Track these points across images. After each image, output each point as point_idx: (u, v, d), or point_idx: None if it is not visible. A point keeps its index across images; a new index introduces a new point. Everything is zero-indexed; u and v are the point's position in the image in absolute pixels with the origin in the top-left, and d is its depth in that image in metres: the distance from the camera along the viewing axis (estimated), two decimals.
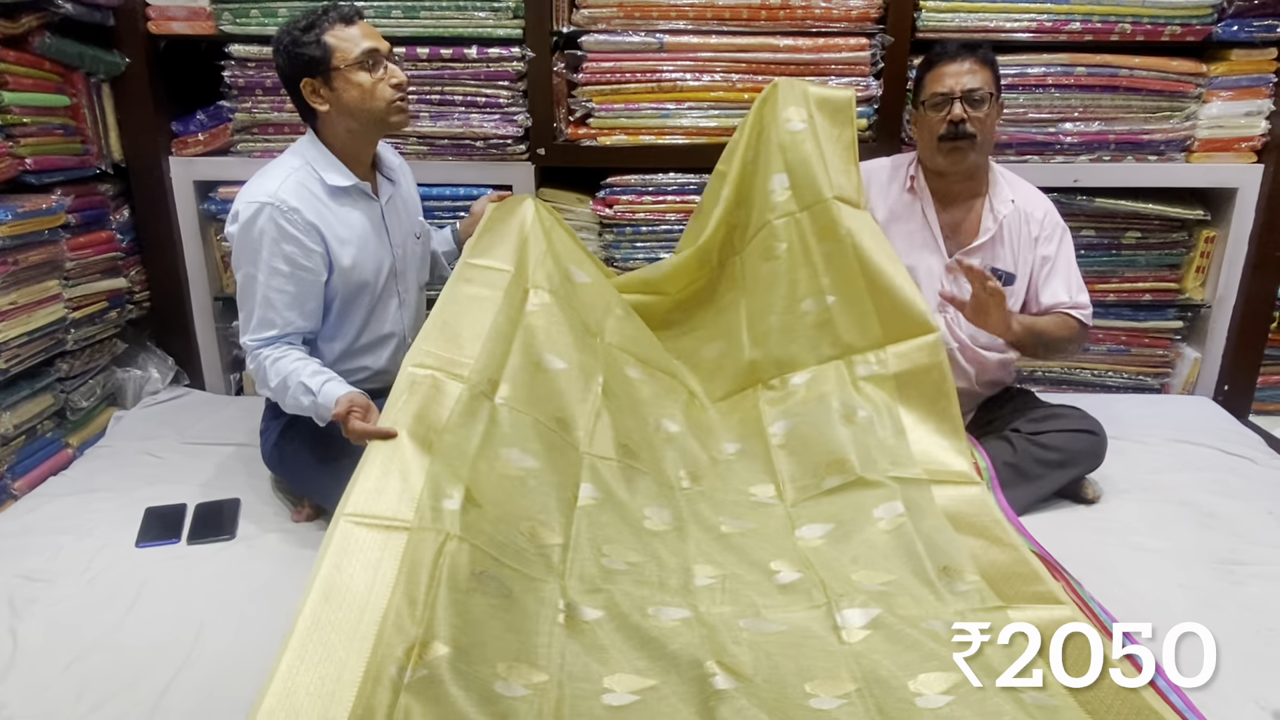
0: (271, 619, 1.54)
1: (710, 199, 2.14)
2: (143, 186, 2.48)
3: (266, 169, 1.81)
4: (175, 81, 2.47)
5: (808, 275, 1.96)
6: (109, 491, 2.02)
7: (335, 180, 1.81)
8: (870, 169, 2.14)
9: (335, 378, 1.68)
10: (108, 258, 2.40)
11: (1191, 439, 2.25)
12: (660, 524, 1.66)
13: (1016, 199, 2.03)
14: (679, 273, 2.15)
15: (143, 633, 1.53)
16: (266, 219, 1.72)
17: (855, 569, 1.57)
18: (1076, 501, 1.98)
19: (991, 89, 1.96)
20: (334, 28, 1.72)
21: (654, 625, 1.39)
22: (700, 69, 2.38)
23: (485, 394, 1.59)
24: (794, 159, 1.99)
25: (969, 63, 1.95)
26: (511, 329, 1.74)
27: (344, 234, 1.82)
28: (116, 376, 2.50)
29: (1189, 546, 1.79)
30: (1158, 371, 2.66)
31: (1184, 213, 2.49)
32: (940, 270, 2.05)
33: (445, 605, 1.24)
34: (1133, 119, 2.42)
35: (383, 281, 1.92)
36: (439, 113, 2.41)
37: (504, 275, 1.80)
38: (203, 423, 2.38)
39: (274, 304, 1.75)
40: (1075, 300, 2.03)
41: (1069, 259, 2.06)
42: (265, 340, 1.76)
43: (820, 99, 2.03)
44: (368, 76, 1.74)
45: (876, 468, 1.74)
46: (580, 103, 2.41)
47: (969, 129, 1.94)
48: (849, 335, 1.92)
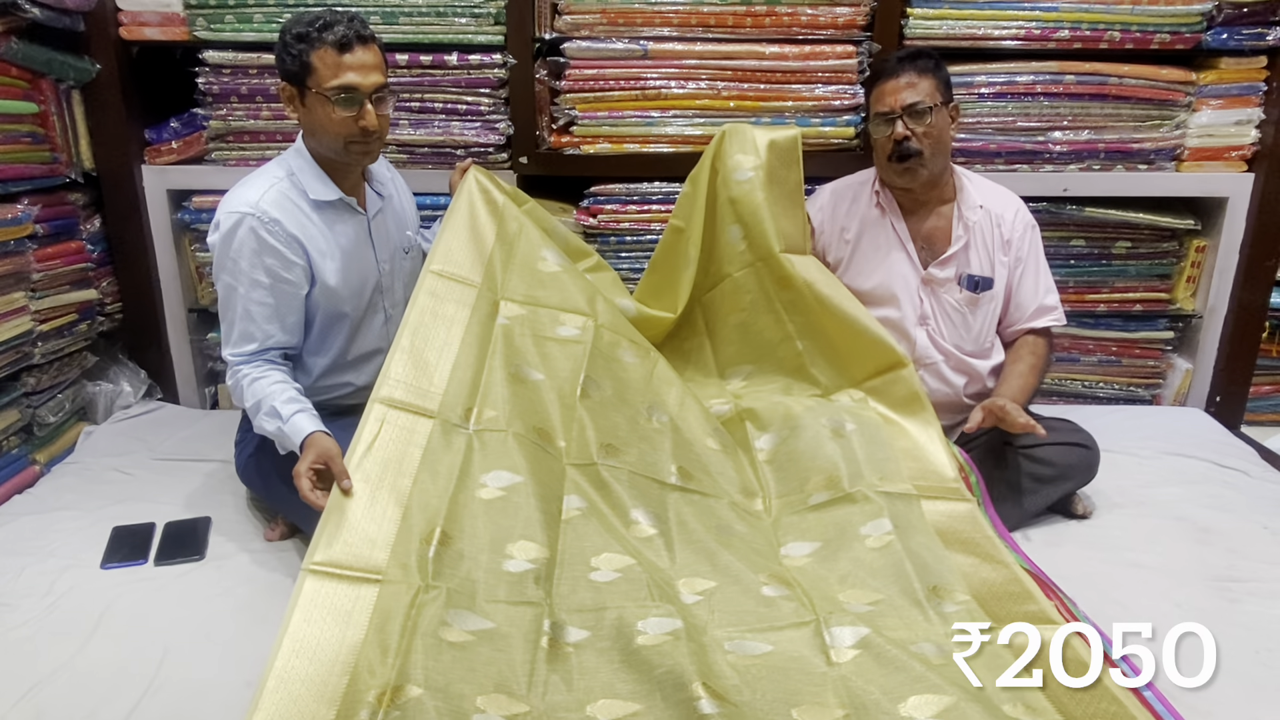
0: (241, 644, 1.50)
1: (671, 257, 2.11)
2: (114, 195, 2.44)
3: (250, 177, 1.78)
4: (148, 88, 2.43)
5: (774, 322, 2.00)
6: (75, 510, 1.97)
7: (319, 193, 1.78)
8: (836, 189, 2.14)
9: (307, 410, 1.63)
10: (77, 268, 2.36)
11: (1184, 451, 2.24)
12: (648, 529, 1.62)
13: (985, 203, 2.02)
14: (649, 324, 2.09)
15: (104, 659, 1.48)
16: (247, 230, 1.69)
17: (843, 589, 1.54)
18: (1068, 517, 1.95)
19: (936, 99, 1.92)
20: (323, 49, 1.65)
21: (641, 643, 1.36)
22: (685, 76, 2.36)
23: (459, 425, 1.57)
24: (745, 211, 2.00)
25: (907, 76, 1.91)
26: (483, 348, 1.71)
27: (326, 248, 1.79)
28: (86, 390, 2.45)
29: (1184, 563, 1.77)
30: (1149, 383, 2.65)
31: (1174, 222, 2.47)
32: (916, 283, 2.03)
33: (420, 651, 1.24)
34: (1122, 127, 2.41)
35: (367, 298, 1.89)
36: (418, 120, 2.37)
37: (471, 290, 1.77)
38: (175, 438, 2.34)
39: (254, 317, 1.71)
40: (1044, 303, 2.03)
41: (1039, 258, 2.05)
42: (246, 356, 1.72)
43: (769, 142, 2.03)
44: (336, 111, 1.68)
45: (863, 481, 1.71)
46: (563, 110, 2.38)
47: (914, 146, 1.91)
48: (825, 377, 1.97)
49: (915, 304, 2.03)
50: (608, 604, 1.42)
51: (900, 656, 1.34)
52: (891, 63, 1.95)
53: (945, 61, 1.99)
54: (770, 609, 1.48)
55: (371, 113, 1.69)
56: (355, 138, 1.71)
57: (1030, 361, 2.01)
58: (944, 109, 1.94)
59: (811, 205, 2.15)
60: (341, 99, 1.66)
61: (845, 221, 2.09)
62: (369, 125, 1.69)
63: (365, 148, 1.73)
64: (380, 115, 1.72)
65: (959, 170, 2.07)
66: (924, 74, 1.92)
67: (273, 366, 1.72)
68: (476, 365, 1.68)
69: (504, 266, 1.87)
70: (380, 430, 1.47)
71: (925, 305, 2.03)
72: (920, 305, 2.03)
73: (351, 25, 1.67)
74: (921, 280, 2.03)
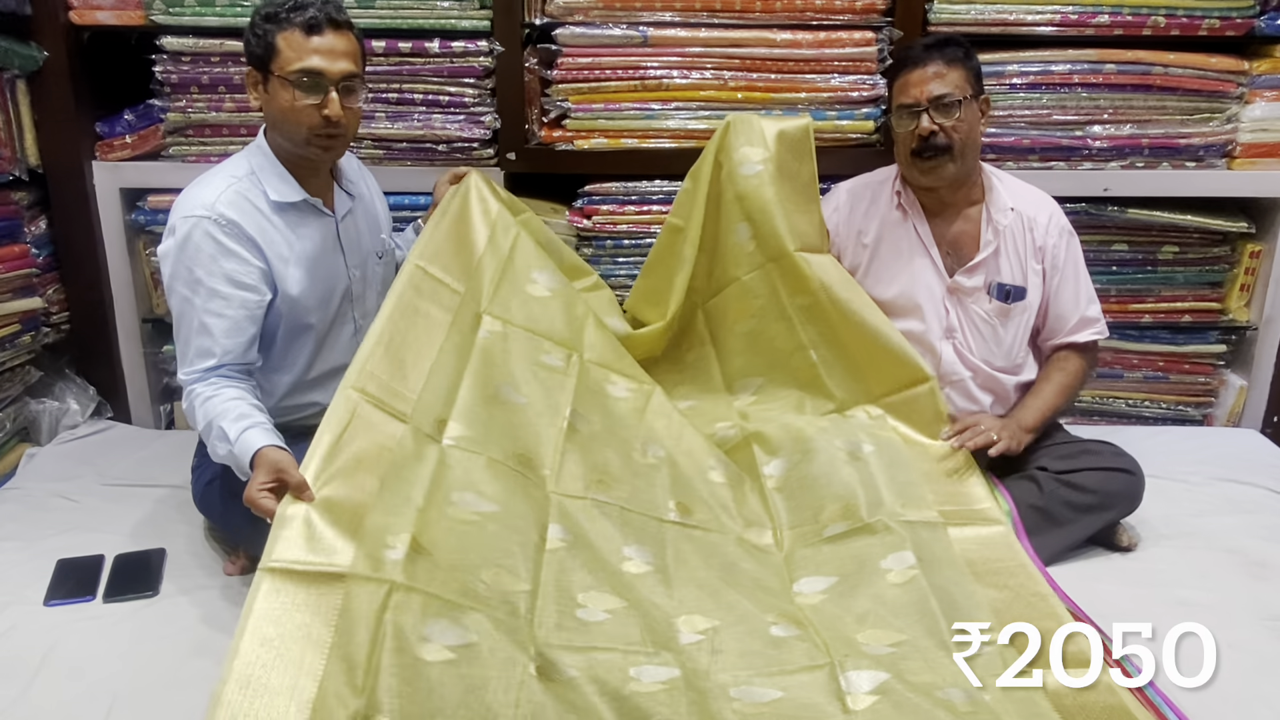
0: (196, 689, 1.50)
1: (666, 258, 2.14)
2: (62, 194, 2.46)
3: (207, 176, 1.79)
4: (100, 78, 2.45)
5: (786, 330, 2.02)
6: (16, 540, 1.98)
7: (281, 194, 1.79)
8: (854, 189, 2.15)
9: (259, 424, 1.61)
10: (21, 274, 2.37)
11: (1238, 477, 2.24)
12: (642, 565, 1.63)
13: (1016, 205, 2.03)
14: (638, 343, 2.13)
15: (48, 706, 1.48)
16: (202, 234, 1.70)
17: (861, 629, 1.54)
18: (1110, 549, 1.96)
19: (966, 91, 1.94)
20: (290, 31, 1.69)
21: (635, 691, 1.36)
22: (688, 65, 2.38)
23: (431, 436, 1.58)
24: (753, 207, 2.02)
25: (935, 65, 1.93)
26: (461, 361, 1.73)
27: (289, 254, 1.80)
28: (30, 408, 2.46)
29: (1237, 600, 1.77)
30: (1199, 401, 2.66)
31: (1226, 225, 2.49)
32: (941, 292, 2.04)
33: (391, 671, 1.22)
34: (1168, 121, 2.43)
35: (335, 307, 1.90)
36: (396, 113, 2.40)
37: (455, 296, 1.79)
38: (126, 461, 2.35)
39: (211, 330, 1.71)
40: (1085, 315, 2.05)
41: (1078, 267, 2.07)
42: (201, 374, 1.71)
43: (778, 133, 2.05)
44: (297, 96, 1.70)
45: (884, 509, 1.72)
46: (555, 102, 2.40)
47: (941, 140, 1.93)
48: (841, 391, 1.98)
49: (940, 315, 2.04)
50: (596, 644, 1.43)
51: (923, 705, 1.35)
52: (917, 50, 1.96)
53: (975, 49, 2.00)
54: (780, 650, 1.49)
55: (336, 101, 1.70)
56: (318, 129, 1.72)
57: (1060, 380, 2.03)
58: (974, 102, 1.96)
59: (826, 206, 2.17)
60: (304, 83, 1.68)
61: (863, 224, 2.11)
62: (332, 114, 1.70)
63: (328, 142, 1.75)
64: (347, 107, 1.73)
65: (988, 169, 2.08)
66: (953, 64, 1.93)
67: (228, 382, 1.71)
68: (453, 376, 1.69)
69: (492, 280, 1.89)
70: (351, 421, 1.46)
71: (951, 316, 2.05)
72: (946, 317, 2.05)
73: (324, 8, 1.70)
74: (947, 289, 2.04)
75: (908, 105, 1.95)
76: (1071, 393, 2.05)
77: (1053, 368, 2.06)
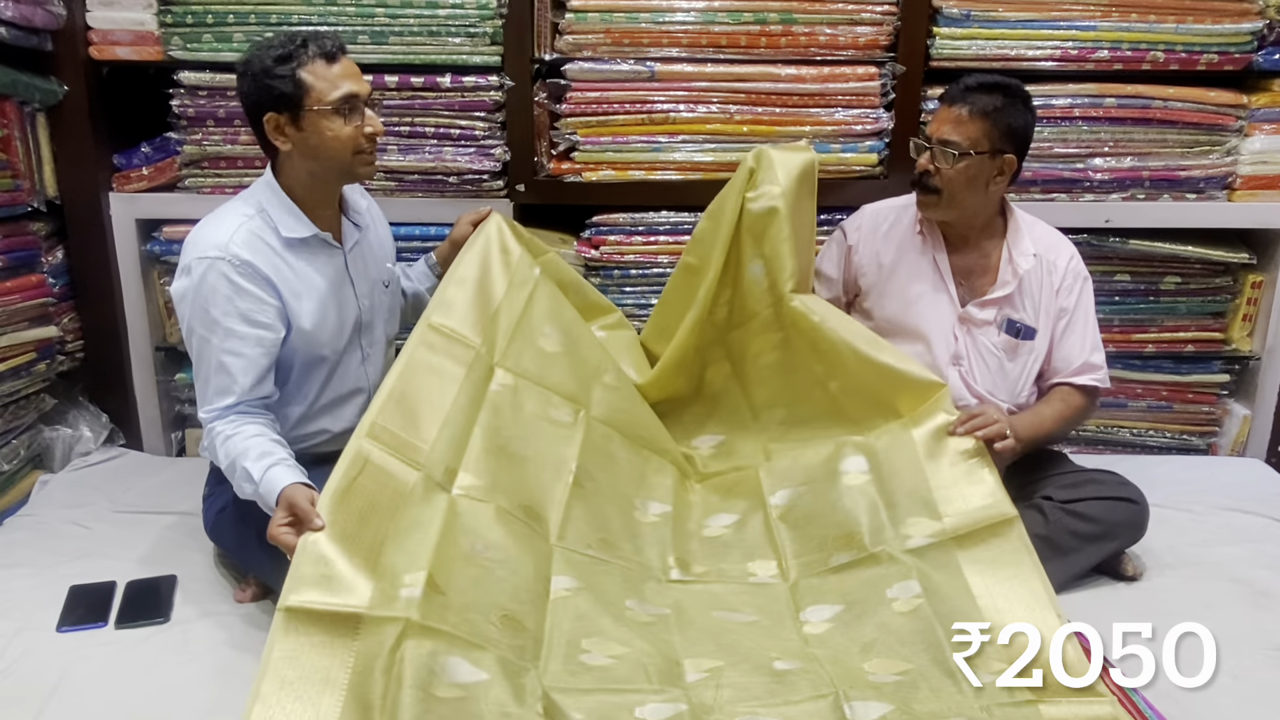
0: (207, 714, 1.52)
1: (681, 295, 2.14)
2: (79, 225, 2.49)
3: (217, 215, 1.81)
4: (118, 111, 2.50)
5: (804, 363, 2.03)
6: (29, 567, 1.99)
7: (292, 231, 1.81)
8: (878, 210, 2.17)
9: (282, 460, 1.62)
10: (37, 303, 2.40)
11: (1243, 506, 2.25)
12: (646, 615, 1.65)
13: (1039, 251, 2.05)
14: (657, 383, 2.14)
15: None
16: (217, 276, 1.71)
17: (868, 657, 1.55)
18: (1115, 578, 1.96)
19: (980, 146, 1.91)
20: (313, 64, 1.72)
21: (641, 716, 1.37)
22: (695, 99, 2.42)
23: (442, 485, 1.59)
24: (769, 250, 2.02)
25: (962, 108, 1.92)
26: (474, 410, 1.75)
27: (303, 289, 1.82)
28: (43, 436, 2.48)
29: (1241, 630, 1.76)
30: (1204, 430, 2.67)
31: (1227, 255, 2.51)
32: (952, 319, 2.06)
33: (406, 708, 1.24)
34: (1168, 154, 2.46)
35: (347, 338, 1.92)
36: (408, 146, 2.43)
37: (469, 351, 1.80)
38: (138, 488, 2.36)
39: (229, 369, 1.73)
40: (1089, 360, 2.05)
41: (1087, 313, 2.08)
42: (221, 411, 1.73)
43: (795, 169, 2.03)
44: (341, 123, 1.75)
45: (885, 537, 1.73)
46: (564, 135, 2.44)
47: (931, 182, 1.95)
48: (860, 414, 1.97)
49: (949, 342, 2.06)
50: (602, 685, 1.44)
51: None
52: (959, 88, 1.95)
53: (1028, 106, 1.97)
54: (784, 683, 1.50)
55: (375, 117, 1.80)
56: (363, 147, 1.78)
57: (1058, 409, 2.03)
58: (986, 159, 1.93)
59: (850, 224, 2.20)
60: (347, 109, 1.74)
61: (883, 245, 2.13)
62: (377, 130, 1.79)
63: (371, 157, 1.82)
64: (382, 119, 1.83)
65: (1016, 211, 2.09)
66: (979, 115, 1.91)
67: (248, 419, 1.73)
68: (465, 426, 1.71)
69: (506, 333, 1.90)
70: (365, 466, 1.48)
71: (960, 344, 2.06)
72: (954, 344, 2.06)
73: (327, 37, 1.76)
74: (959, 318, 2.06)
75: (925, 135, 1.97)
76: (1067, 426, 2.05)
77: (1054, 396, 2.06)
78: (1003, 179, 1.98)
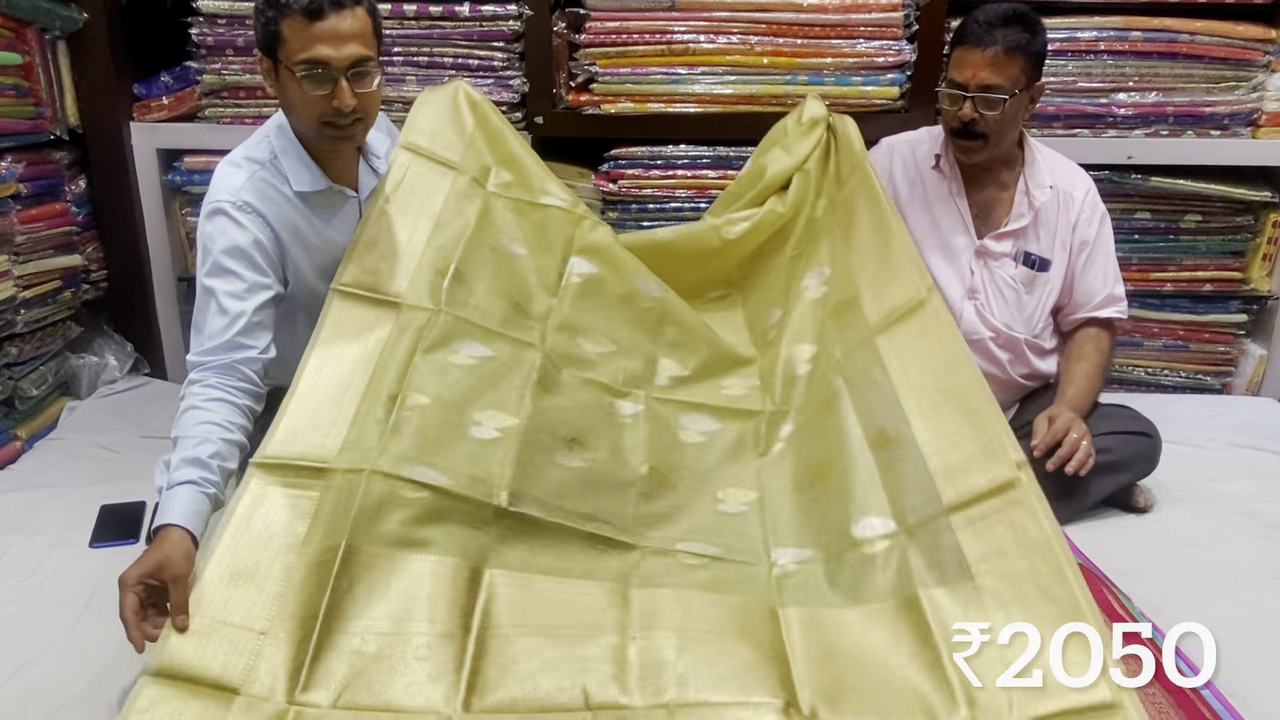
0: None
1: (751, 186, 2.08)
2: (101, 154, 2.50)
3: (234, 156, 1.71)
4: (138, 40, 2.49)
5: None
6: (60, 487, 2.04)
7: (304, 183, 1.70)
8: (894, 144, 2.14)
9: (196, 480, 1.39)
10: (62, 232, 2.42)
11: (1255, 444, 2.26)
12: None
13: (1055, 183, 2.03)
14: None
15: (96, 638, 1.54)
16: (227, 221, 1.62)
17: None
18: (1127, 510, 1.98)
19: (1019, 84, 1.87)
20: (292, 17, 1.52)
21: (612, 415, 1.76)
22: (715, 30, 2.39)
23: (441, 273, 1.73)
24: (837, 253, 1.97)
25: (994, 50, 1.85)
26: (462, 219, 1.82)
27: (316, 243, 1.73)
28: (70, 363, 2.52)
29: (1250, 561, 1.79)
30: (1219, 370, 2.66)
31: (1249, 194, 2.48)
32: (969, 254, 2.06)
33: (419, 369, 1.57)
34: (1194, 89, 2.42)
35: None
36: (426, 76, 2.42)
37: (449, 170, 1.86)
38: (164, 414, 2.38)
39: (224, 309, 1.59)
40: (1113, 292, 2.05)
41: (1108, 245, 2.06)
42: (200, 356, 1.57)
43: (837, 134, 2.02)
44: (310, 88, 1.55)
45: None
46: (582, 66, 2.42)
47: (979, 129, 1.91)
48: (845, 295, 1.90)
49: (965, 276, 2.05)
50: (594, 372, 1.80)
51: None
52: (980, 27, 1.88)
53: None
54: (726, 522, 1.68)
55: (347, 91, 1.55)
56: (329, 118, 1.58)
57: (1095, 360, 2.02)
58: (1024, 94, 1.90)
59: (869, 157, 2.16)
60: (310, 75, 1.53)
61: (899, 180, 2.10)
62: (342, 105, 1.56)
63: (341, 132, 1.61)
64: (360, 93, 1.57)
65: (1031, 143, 2.06)
66: (1013, 51, 1.85)
67: (221, 391, 1.54)
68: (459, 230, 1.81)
69: (489, 150, 1.95)
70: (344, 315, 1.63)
71: (976, 278, 2.06)
72: (970, 278, 2.06)
73: None
74: (975, 251, 2.05)
75: (957, 84, 1.90)
76: (1106, 372, 2.05)
77: (1086, 346, 2.03)
78: (1034, 105, 1.97)
